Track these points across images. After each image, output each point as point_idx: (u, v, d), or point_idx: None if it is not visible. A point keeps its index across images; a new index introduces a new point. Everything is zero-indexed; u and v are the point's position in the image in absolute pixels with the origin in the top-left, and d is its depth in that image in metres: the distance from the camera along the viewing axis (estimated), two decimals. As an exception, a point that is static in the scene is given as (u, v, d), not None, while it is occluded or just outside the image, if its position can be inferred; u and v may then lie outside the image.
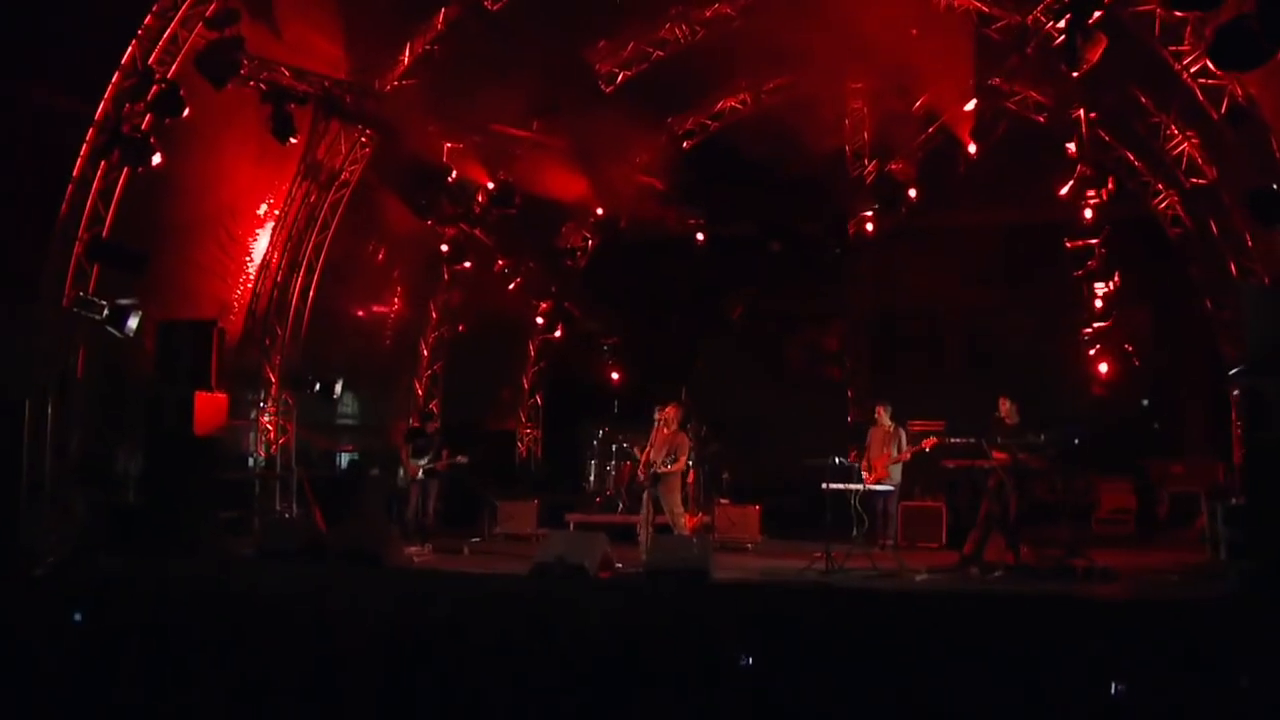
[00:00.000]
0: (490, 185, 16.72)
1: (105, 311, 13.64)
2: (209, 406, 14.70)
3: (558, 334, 21.05)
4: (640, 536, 13.48)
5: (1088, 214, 15.33)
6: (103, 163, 13.43)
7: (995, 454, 12.98)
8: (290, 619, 11.50)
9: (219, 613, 10.23)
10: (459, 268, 17.88)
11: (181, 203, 15.09)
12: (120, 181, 13.71)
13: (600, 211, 20.81)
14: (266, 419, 17.55)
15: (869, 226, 17.64)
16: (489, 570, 12.77)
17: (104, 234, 13.53)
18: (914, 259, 19.25)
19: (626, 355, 22.35)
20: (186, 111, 13.37)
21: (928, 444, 14.49)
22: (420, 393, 21.47)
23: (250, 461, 17.14)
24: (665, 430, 13.59)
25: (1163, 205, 17.22)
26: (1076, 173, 14.65)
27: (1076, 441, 14.02)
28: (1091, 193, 15.08)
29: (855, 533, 13.04)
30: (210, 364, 14.75)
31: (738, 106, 21.12)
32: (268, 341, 17.47)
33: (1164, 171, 16.63)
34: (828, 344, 21.31)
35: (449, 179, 16.59)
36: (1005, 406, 13.41)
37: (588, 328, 22.07)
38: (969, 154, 16.09)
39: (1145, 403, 19.77)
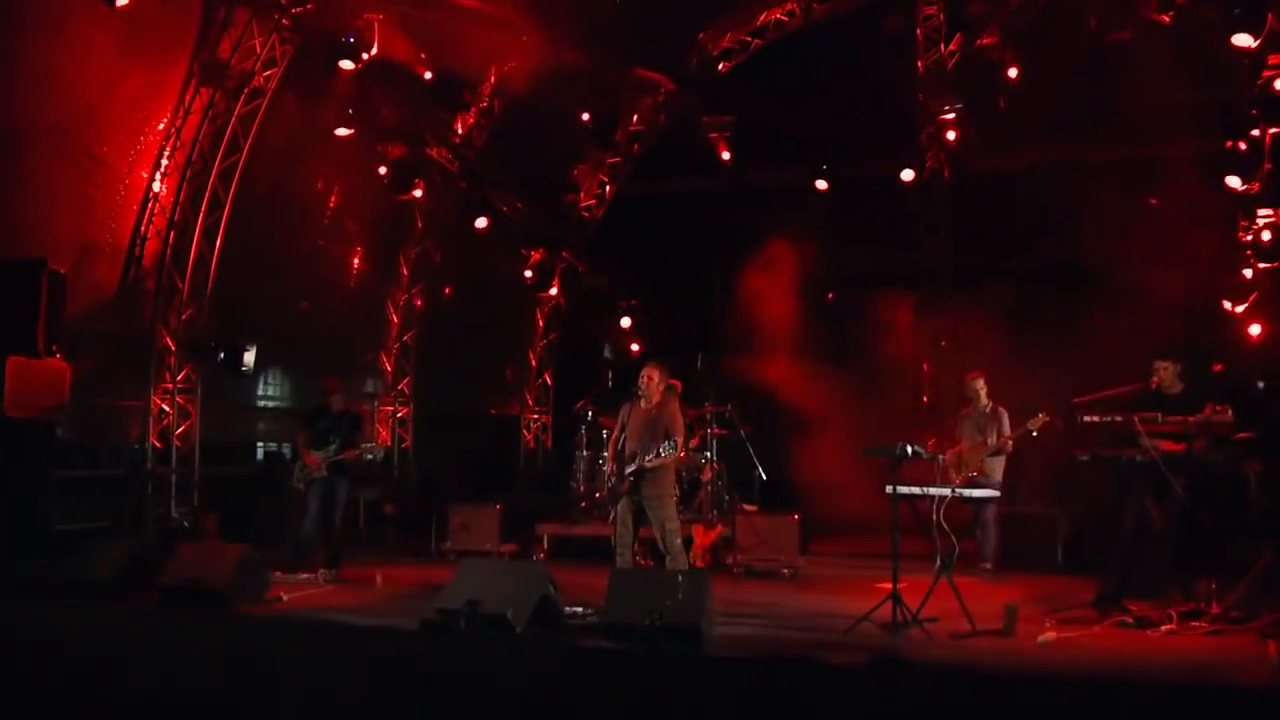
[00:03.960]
0: (428, 76, 12.40)
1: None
2: (38, 378, 10.71)
3: (553, 291, 16.77)
4: (616, 561, 9.12)
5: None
6: None
7: (1165, 443, 8.44)
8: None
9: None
10: (406, 198, 13.53)
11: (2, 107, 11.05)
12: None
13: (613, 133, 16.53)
14: (163, 399, 13.49)
15: (950, 135, 13.07)
16: (381, 619, 8.45)
17: None
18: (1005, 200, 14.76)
19: (648, 322, 18.05)
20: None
21: (1037, 424, 10.04)
22: (389, 369, 17.32)
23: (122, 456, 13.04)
24: (644, 405, 9.23)
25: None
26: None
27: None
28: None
29: (939, 560, 8.53)
30: (37, 320, 10.74)
31: (784, 19, 16.97)
32: (160, 300, 13.37)
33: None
34: (896, 307, 16.52)
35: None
36: (1165, 371, 8.87)
37: (595, 285, 17.78)
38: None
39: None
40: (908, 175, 14.42)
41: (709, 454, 12.39)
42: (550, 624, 8.07)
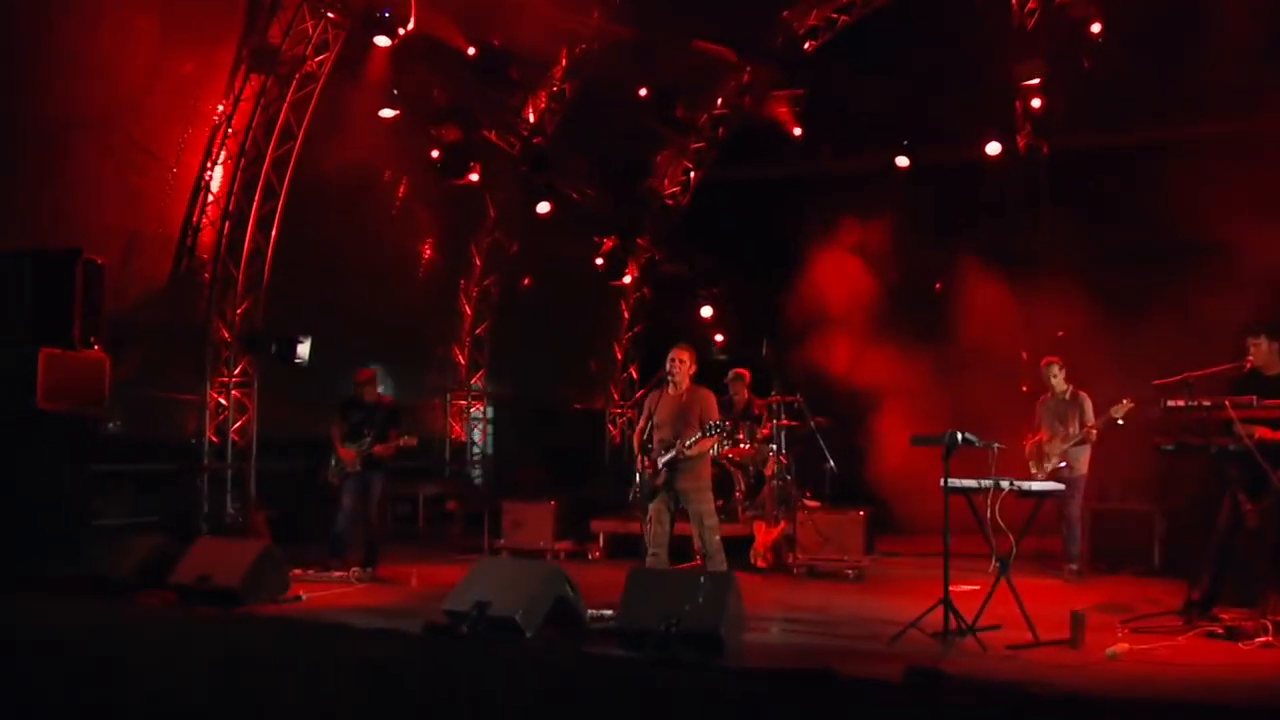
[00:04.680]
0: (471, 51, 11.83)
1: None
2: (73, 370, 10.40)
3: (627, 280, 16.13)
4: (648, 561, 8.43)
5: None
6: None
7: (1261, 430, 7.43)
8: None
9: None
10: (462, 182, 12.99)
11: (42, 97, 10.82)
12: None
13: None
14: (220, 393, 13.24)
15: (1035, 103, 12.06)
16: (393, 620, 7.89)
17: None
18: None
19: (730, 311, 17.36)
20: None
21: (1121, 412, 9.09)
22: (462, 362, 16.89)
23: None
24: (673, 391, 8.51)
25: None
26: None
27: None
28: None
29: (995, 561, 7.65)
30: (72, 311, 10.45)
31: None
32: (215, 291, 13.11)
33: None
34: (991, 291, 15.40)
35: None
36: (1261, 349, 7.85)
37: (673, 272, 17.13)
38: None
39: None
40: (993, 149, 13.41)
41: (774, 446, 11.61)
42: (567, 627, 7.43)
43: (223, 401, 13.23)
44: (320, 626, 7.66)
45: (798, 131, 14.59)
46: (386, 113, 11.95)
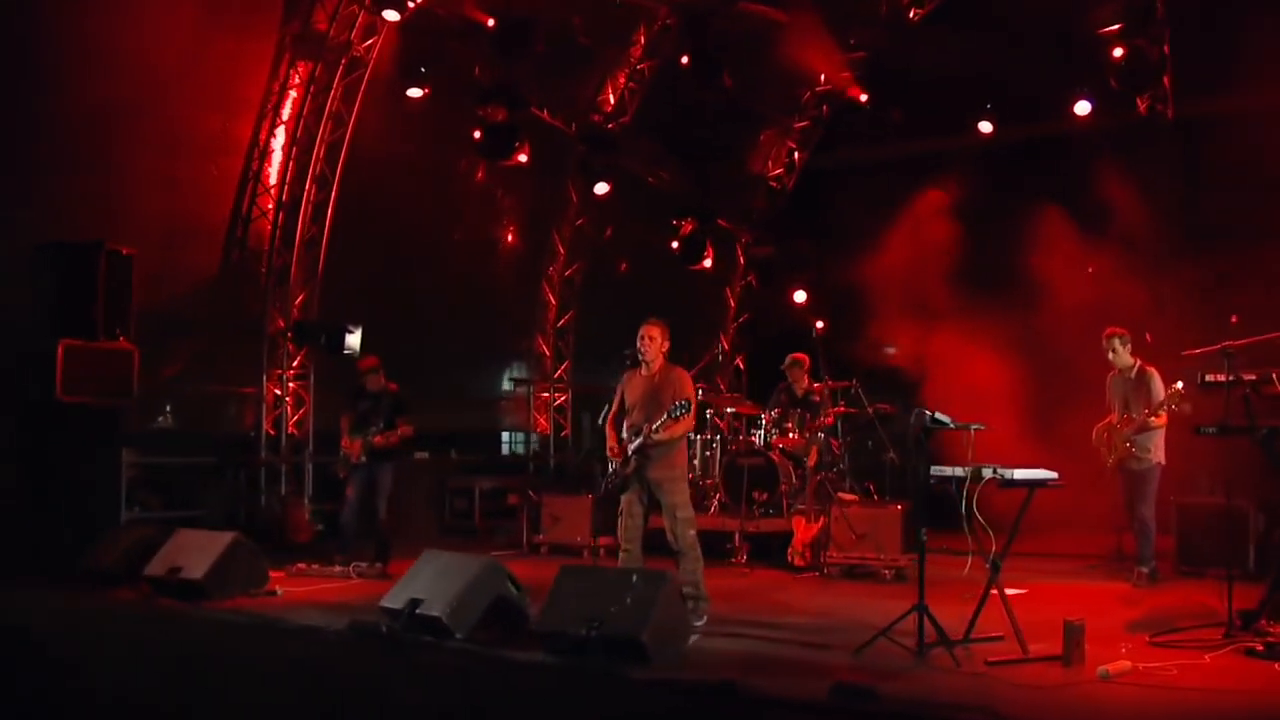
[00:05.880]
0: (490, 23, 11.25)
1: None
2: (96, 362, 10.36)
3: (708, 264, 15.33)
4: (620, 558, 7.69)
5: None
6: None
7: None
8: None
9: None
10: (510, 163, 12.43)
11: (80, 89, 10.79)
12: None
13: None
14: (280, 388, 13.11)
15: (1116, 52, 10.77)
16: (345, 617, 7.39)
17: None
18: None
19: (823, 295, 16.37)
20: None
21: (1175, 396, 7.91)
22: (548, 353, 16.41)
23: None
24: (645, 371, 7.75)
25: None
26: None
27: None
28: None
29: (988, 561, 6.64)
30: (95, 303, 10.40)
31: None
32: (270, 283, 12.97)
33: None
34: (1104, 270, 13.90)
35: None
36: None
37: (763, 256, 16.25)
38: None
39: None
40: (1083, 109, 12.13)
41: (822, 435, 10.70)
42: (506, 628, 6.80)
43: (280, 394, 13.06)
44: (259, 624, 7.23)
45: (864, 98, 13.49)
46: (414, 92, 11.50)
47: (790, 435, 11.04)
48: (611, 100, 15.51)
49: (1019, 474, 6.40)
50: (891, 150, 15.36)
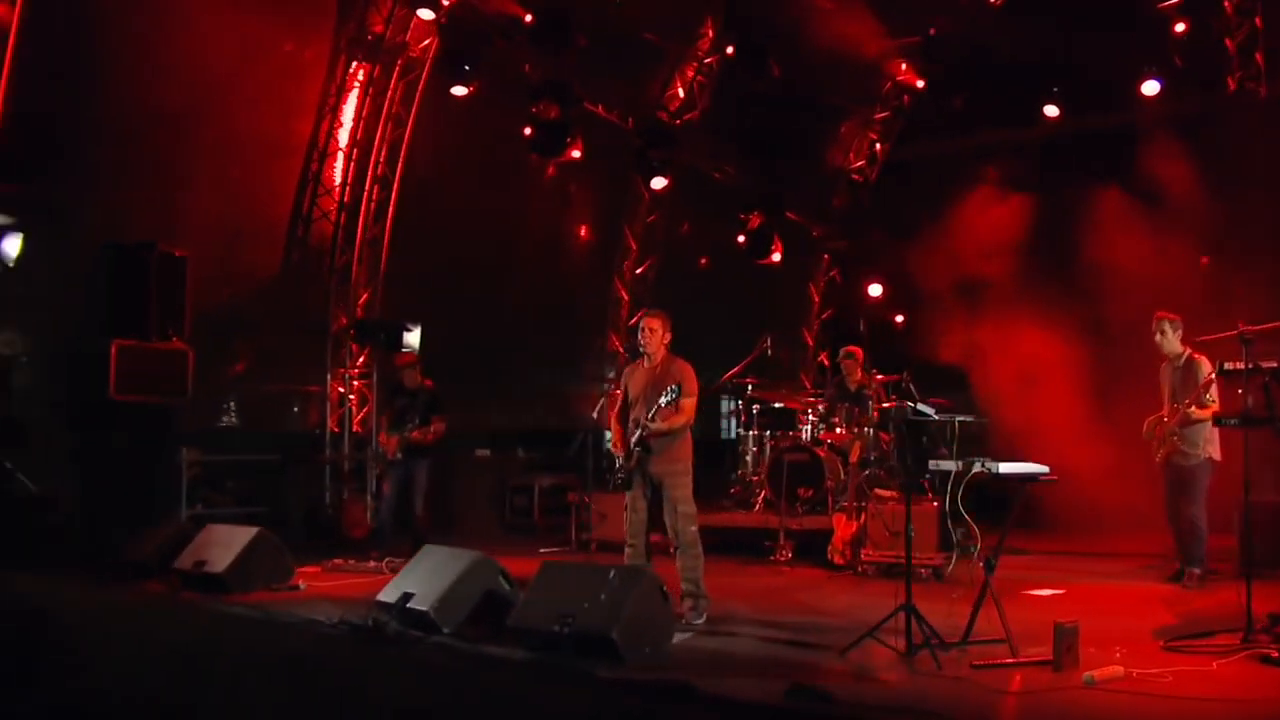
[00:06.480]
0: (528, 19, 11.19)
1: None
2: (150, 362, 10.65)
3: (776, 258, 15.07)
4: (625, 554, 7.55)
5: None
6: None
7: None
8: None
9: None
10: (564, 159, 12.40)
11: (138, 94, 11.08)
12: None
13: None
14: (344, 386, 13.30)
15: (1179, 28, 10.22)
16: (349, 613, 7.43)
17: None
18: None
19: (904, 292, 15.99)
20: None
21: (1207, 380, 7.44)
22: (621, 349, 16.34)
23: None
24: (647, 364, 7.59)
25: None
26: None
27: None
28: None
29: (961, 551, 6.33)
30: (147, 303, 10.69)
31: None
32: (334, 282, 13.16)
33: None
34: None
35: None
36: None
37: (834, 249, 15.93)
38: None
39: None
40: (1150, 88, 11.56)
41: (869, 431, 10.39)
42: (495, 624, 6.72)
43: (343, 392, 13.25)
44: (265, 619, 7.29)
45: (920, 84, 13.08)
46: (459, 90, 11.52)
47: (838, 430, 10.76)
48: (680, 94, 15.41)
49: (1005, 467, 6.04)
50: (960, 142, 14.90)
